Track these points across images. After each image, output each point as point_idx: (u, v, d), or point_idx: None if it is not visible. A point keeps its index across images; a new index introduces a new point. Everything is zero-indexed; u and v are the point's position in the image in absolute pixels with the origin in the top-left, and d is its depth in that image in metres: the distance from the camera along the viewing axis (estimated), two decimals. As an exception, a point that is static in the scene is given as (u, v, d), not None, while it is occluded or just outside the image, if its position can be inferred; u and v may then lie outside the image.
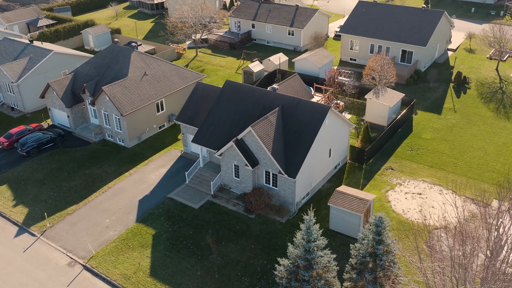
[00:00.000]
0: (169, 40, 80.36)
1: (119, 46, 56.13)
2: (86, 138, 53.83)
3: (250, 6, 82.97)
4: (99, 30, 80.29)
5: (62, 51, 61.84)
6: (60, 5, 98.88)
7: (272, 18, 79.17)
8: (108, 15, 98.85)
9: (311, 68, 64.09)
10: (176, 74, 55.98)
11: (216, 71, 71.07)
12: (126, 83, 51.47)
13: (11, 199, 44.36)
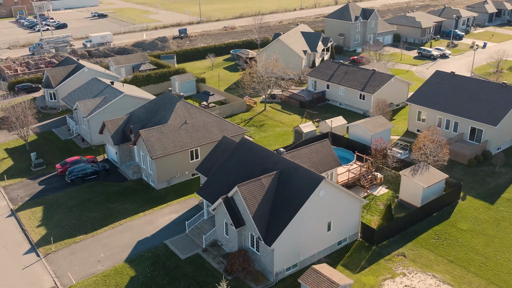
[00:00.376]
0: (245, 92, 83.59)
1: (170, 94, 60.43)
2: (126, 175, 58.11)
3: (329, 67, 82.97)
4: (185, 78, 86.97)
5: (132, 94, 68.28)
6: (168, 53, 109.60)
7: (346, 81, 78.10)
8: (206, 65, 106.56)
9: (363, 135, 61.43)
10: (216, 126, 58.08)
11: (274, 127, 71.82)
12: (164, 129, 54.91)
13: (38, 219, 49.53)
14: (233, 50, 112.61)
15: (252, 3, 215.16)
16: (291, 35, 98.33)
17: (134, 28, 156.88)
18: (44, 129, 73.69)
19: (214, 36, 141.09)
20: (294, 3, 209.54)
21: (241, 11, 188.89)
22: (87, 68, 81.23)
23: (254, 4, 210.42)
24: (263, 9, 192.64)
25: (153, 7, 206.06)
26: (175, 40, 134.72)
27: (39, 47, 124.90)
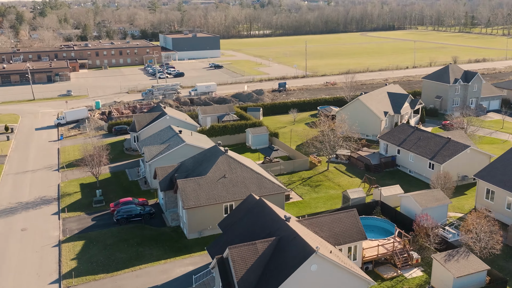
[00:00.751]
0: (310, 150, 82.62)
1: (217, 147, 62.41)
2: (167, 221, 60.61)
3: (403, 131, 78.61)
4: (259, 131, 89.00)
5: (193, 143, 71.77)
6: (255, 105, 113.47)
7: (417, 147, 73.14)
8: (290, 119, 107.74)
9: (413, 208, 56.56)
10: (255, 183, 58.20)
11: (329, 189, 69.48)
12: (201, 181, 56.64)
13: (75, 253, 53.75)
14: (320, 107, 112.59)
15: (365, 60, 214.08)
16: (373, 95, 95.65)
17: (241, 79, 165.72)
18: (120, 168, 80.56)
19: (312, 91, 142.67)
20: (408, 60, 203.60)
21: (351, 67, 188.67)
22: (169, 116, 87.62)
23: (367, 61, 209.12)
24: (373, 66, 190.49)
25: (267, 59, 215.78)
26: (272, 93, 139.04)
27: (150, 93, 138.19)
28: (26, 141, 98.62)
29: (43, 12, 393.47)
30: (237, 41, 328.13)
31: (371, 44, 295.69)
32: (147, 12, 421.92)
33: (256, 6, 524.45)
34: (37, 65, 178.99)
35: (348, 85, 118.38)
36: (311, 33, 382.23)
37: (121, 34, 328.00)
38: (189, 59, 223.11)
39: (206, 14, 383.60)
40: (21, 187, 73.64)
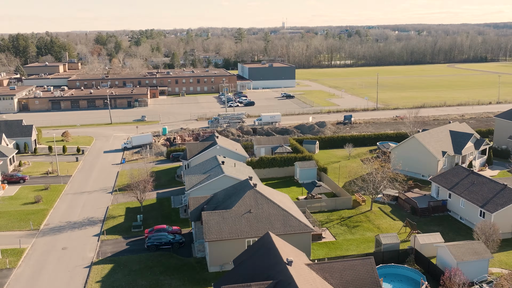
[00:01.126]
0: (354, 189, 79.63)
1: (247, 181, 62.32)
2: (194, 252, 61.23)
3: (457, 174, 73.21)
4: (307, 165, 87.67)
5: (231, 174, 72.30)
6: (312, 138, 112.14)
7: (469, 192, 67.66)
8: (345, 154, 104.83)
9: (448, 260, 52.10)
10: (281, 220, 57.13)
11: (368, 231, 66.21)
12: (226, 214, 56.79)
13: (102, 276, 55.96)
14: (380, 142, 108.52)
15: (445, 93, 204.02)
16: (433, 133, 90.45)
17: (309, 110, 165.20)
18: (167, 195, 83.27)
19: (378, 125, 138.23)
20: (494, 95, 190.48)
21: (427, 100, 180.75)
22: (219, 146, 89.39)
23: (447, 94, 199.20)
24: (452, 100, 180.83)
25: (341, 90, 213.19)
26: (336, 126, 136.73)
27: (216, 121, 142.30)
28: (92, 163, 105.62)
29: (138, 41, 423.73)
30: (316, 71, 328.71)
31: (457, 76, 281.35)
32: (233, 41, 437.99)
33: (341, 36, 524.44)
34: (120, 91, 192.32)
35: (411, 120, 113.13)
36: (395, 64, 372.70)
37: (205, 63, 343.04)
38: (263, 88, 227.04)
39: (288, 44, 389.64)
40: (74, 207, 78.68)
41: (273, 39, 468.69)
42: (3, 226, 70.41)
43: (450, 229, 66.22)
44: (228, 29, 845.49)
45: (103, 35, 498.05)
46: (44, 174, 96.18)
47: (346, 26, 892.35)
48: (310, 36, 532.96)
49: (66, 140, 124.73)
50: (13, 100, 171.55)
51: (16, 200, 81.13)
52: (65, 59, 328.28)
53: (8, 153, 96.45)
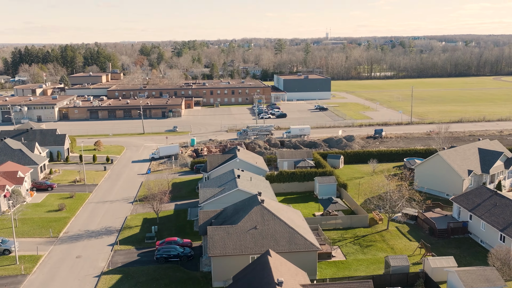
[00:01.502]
0: (370, 208, 77.68)
1: (255, 197, 62.02)
2: (201, 265, 61.41)
3: (480, 195, 70.09)
4: (326, 180, 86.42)
5: (245, 189, 72.13)
6: (337, 153, 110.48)
7: (490, 215, 64.61)
8: (369, 170, 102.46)
9: (458, 287, 49.82)
10: (286, 237, 56.48)
11: (380, 251, 64.33)
12: (231, 230, 56.71)
13: (108, 286, 56.98)
14: (407, 158, 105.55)
15: (486, 107, 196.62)
16: (459, 150, 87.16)
17: (341, 123, 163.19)
18: (185, 206, 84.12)
19: (409, 140, 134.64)
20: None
21: (466, 114, 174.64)
22: (239, 159, 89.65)
23: (488, 109, 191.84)
24: (493, 115, 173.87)
25: (375, 103, 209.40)
26: (365, 140, 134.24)
27: (244, 133, 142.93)
28: (119, 172, 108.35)
29: (180, 52, 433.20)
30: (355, 83, 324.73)
31: (501, 90, 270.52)
32: (272, 52, 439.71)
33: (384, 47, 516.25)
34: (155, 101, 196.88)
35: (441, 136, 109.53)
36: (437, 76, 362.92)
37: (243, 74, 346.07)
38: (297, 100, 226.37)
39: (327, 55, 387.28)
40: (95, 216, 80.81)
41: (314, 50, 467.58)
42: (25, 233, 73.19)
43: (469, 253, 63.37)
44: (271, 39, 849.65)
45: (147, 46, 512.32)
46: (72, 182, 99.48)
47: (391, 37, 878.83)
48: (352, 47, 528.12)
49: (98, 149, 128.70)
50: (53, 109, 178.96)
51: (42, 207, 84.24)
52: (109, 69, 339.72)
53: (39, 161, 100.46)
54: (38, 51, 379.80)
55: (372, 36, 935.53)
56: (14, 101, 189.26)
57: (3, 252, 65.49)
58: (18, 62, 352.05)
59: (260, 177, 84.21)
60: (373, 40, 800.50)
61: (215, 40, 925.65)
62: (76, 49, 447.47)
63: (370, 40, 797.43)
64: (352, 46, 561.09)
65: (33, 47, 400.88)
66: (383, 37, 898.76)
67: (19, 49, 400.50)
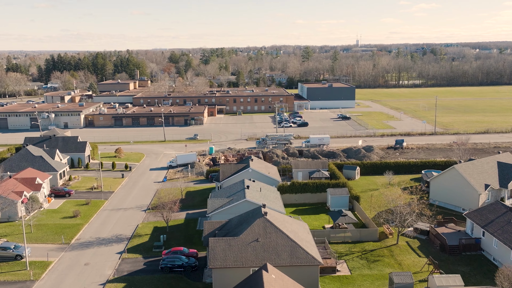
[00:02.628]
0: (381, 222, 76.23)
1: (259, 209, 61.77)
2: (203, 277, 61.52)
3: (494, 211, 67.80)
4: (338, 192, 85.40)
5: (252, 200, 71.96)
6: (354, 164, 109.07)
7: (502, 232, 62.42)
8: (386, 181, 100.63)
9: (461, 307, 48.34)
10: (288, 251, 55.97)
11: (387, 266, 62.94)
12: (233, 242, 56.63)
13: (112, 294, 57.92)
14: (425, 170, 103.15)
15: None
16: (477, 164, 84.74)
17: (362, 133, 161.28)
18: (196, 216, 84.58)
19: (431, 151, 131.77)
20: None
21: (493, 125, 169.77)
22: (251, 169, 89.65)
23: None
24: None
25: (402, 112, 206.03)
26: (385, 150, 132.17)
27: (263, 142, 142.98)
28: (136, 180, 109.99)
29: (207, 60, 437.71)
30: (381, 91, 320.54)
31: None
32: (300, 60, 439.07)
33: (414, 54, 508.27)
34: (178, 109, 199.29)
35: (462, 147, 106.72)
36: (468, 85, 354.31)
37: (269, 81, 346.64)
38: (321, 108, 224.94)
39: (354, 63, 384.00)
40: (107, 224, 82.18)
41: (342, 57, 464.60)
42: (39, 239, 75.06)
43: (479, 271, 61.34)
44: (301, 47, 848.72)
45: (176, 54, 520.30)
46: (89, 189, 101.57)
47: (423, 44, 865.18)
48: (381, 54, 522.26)
49: (118, 156, 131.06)
50: (79, 116, 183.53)
51: (57, 214, 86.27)
52: (136, 77, 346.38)
53: (59, 168, 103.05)
54: (71, 59, 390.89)
55: (403, 43, 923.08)
56: (42, 107, 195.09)
57: (15, 258, 67.32)
58: (51, 69, 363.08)
59: (271, 187, 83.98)
60: (404, 47, 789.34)
61: (244, 47, 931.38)
62: (107, 56, 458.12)
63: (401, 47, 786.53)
64: (382, 53, 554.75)
65: (66, 55, 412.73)
66: (415, 44, 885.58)
67: (52, 56, 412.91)
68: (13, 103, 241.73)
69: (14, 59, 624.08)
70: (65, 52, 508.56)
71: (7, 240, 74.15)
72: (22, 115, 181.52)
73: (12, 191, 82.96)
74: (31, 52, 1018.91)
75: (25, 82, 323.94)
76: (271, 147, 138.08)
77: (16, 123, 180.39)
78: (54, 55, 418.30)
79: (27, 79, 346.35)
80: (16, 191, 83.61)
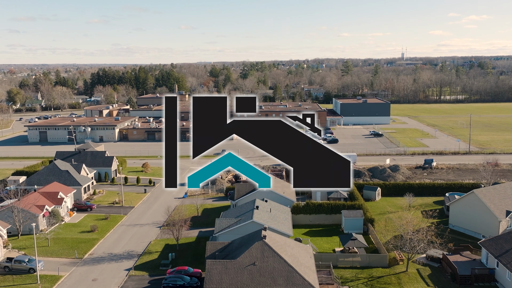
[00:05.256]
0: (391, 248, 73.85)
1: (259, 232, 61.40)
2: (204, 297, 61.59)
3: (510, 240, 64.45)
4: (352, 214, 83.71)
5: (259, 221, 71.59)
6: (375, 184, 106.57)
7: (517, 264, 59.17)
8: (406, 203, 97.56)
9: None
10: (284, 277, 55.28)
11: (391, 295, 60.96)
12: (229, 265, 56.56)
13: (112, 312, 58.96)
14: (450, 193, 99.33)
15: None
16: (499, 188, 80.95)
17: (392, 151, 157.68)
18: (208, 234, 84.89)
19: (461, 172, 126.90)
20: None
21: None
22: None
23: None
24: None
25: (437, 129, 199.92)
26: (412, 170, 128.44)
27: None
28: (158, 195, 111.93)
29: (246, 74, 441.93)
30: (421, 107, 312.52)
31: None
32: (338, 74, 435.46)
33: (459, 68, 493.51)
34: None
35: (488, 169, 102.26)
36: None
37: (305, 96, 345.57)
38: (353, 124, 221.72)
39: (394, 77, 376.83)
40: (121, 239, 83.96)
41: (384, 71, 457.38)
42: (54, 252, 77.62)
43: (490, 304, 58.38)
44: (344, 60, 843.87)
45: (216, 68, 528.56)
46: (111, 203, 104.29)
47: (472, 57, 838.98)
48: (425, 68, 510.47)
49: (145, 171, 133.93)
50: (114, 130, 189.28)
51: (76, 228, 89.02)
52: (175, 91, 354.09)
53: (83, 182, 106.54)
54: (114, 73, 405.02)
55: (451, 56, 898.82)
56: (80, 121, 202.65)
57: (29, 271, 69.86)
58: (95, 83, 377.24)
59: (283, 208, 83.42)
60: (451, 60, 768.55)
61: (287, 61, 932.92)
62: (149, 70, 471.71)
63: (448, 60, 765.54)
64: (426, 67, 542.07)
65: (110, 69, 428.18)
66: (463, 57, 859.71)
67: (100, 70, 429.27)
68: (57, 116, 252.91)
69: (65, 72, 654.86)
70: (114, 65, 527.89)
71: (25, 253, 77.17)
72: (60, 128, 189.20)
73: (34, 204, 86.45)
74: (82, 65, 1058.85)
75: (70, 96, 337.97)
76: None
77: (54, 136, 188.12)
78: (103, 68, 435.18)
79: (72, 92, 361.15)
80: (37, 205, 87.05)
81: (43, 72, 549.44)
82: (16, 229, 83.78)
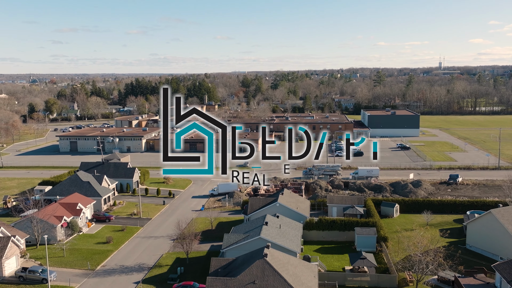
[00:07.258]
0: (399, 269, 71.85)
1: (262, 250, 61.07)
2: (206, 314, 61.69)
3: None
4: (365, 232, 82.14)
5: (267, 237, 71.22)
6: (393, 200, 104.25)
7: (529, 290, 56.57)
8: (424, 221, 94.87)
9: None
10: (283, 296, 54.83)
11: (396, 319, 59.32)
12: (229, 282, 56.54)
13: (115, 325, 59.84)
14: (471, 211, 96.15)
15: None
16: (519, 209, 77.74)
17: (417, 165, 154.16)
18: (219, 249, 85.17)
19: (488, 189, 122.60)
20: None
21: None
22: (279, 203, 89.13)
23: None
24: None
25: (467, 142, 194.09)
26: (435, 186, 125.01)
27: (309, 172, 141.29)
28: (176, 207, 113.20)
29: (276, 85, 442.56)
30: (454, 118, 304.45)
31: None
32: (370, 84, 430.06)
33: (497, 78, 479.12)
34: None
35: (509, 185, 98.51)
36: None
37: (335, 107, 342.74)
38: (381, 137, 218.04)
39: (427, 88, 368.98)
40: (135, 252, 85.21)
41: (419, 81, 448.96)
42: (68, 263, 79.54)
43: (500, 332, 55.93)
44: (379, 69, 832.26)
45: (248, 78, 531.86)
46: (129, 215, 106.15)
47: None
48: (463, 78, 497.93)
49: (167, 182, 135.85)
50: (141, 141, 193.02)
51: (93, 239, 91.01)
52: (205, 101, 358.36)
53: (103, 193, 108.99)
54: (147, 83, 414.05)
55: (492, 65, 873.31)
56: (109, 132, 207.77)
57: (41, 281, 71.85)
58: (129, 93, 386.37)
59: (295, 224, 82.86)
60: (490, 70, 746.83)
61: (321, 70, 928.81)
62: (182, 80, 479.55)
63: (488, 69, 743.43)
64: (463, 77, 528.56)
65: (143, 79, 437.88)
66: (503, 67, 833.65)
67: (131, 80, 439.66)
68: (90, 126, 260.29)
69: (103, 82, 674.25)
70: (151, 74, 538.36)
71: (40, 263, 79.42)
72: (90, 138, 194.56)
73: (52, 215, 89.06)
74: (120, 75, 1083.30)
75: (104, 105, 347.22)
76: (316, 178, 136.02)
77: (84, 146, 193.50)
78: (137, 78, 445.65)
79: (107, 102, 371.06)
80: (56, 216, 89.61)
81: (81, 82, 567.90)
82: (35, 239, 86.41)
